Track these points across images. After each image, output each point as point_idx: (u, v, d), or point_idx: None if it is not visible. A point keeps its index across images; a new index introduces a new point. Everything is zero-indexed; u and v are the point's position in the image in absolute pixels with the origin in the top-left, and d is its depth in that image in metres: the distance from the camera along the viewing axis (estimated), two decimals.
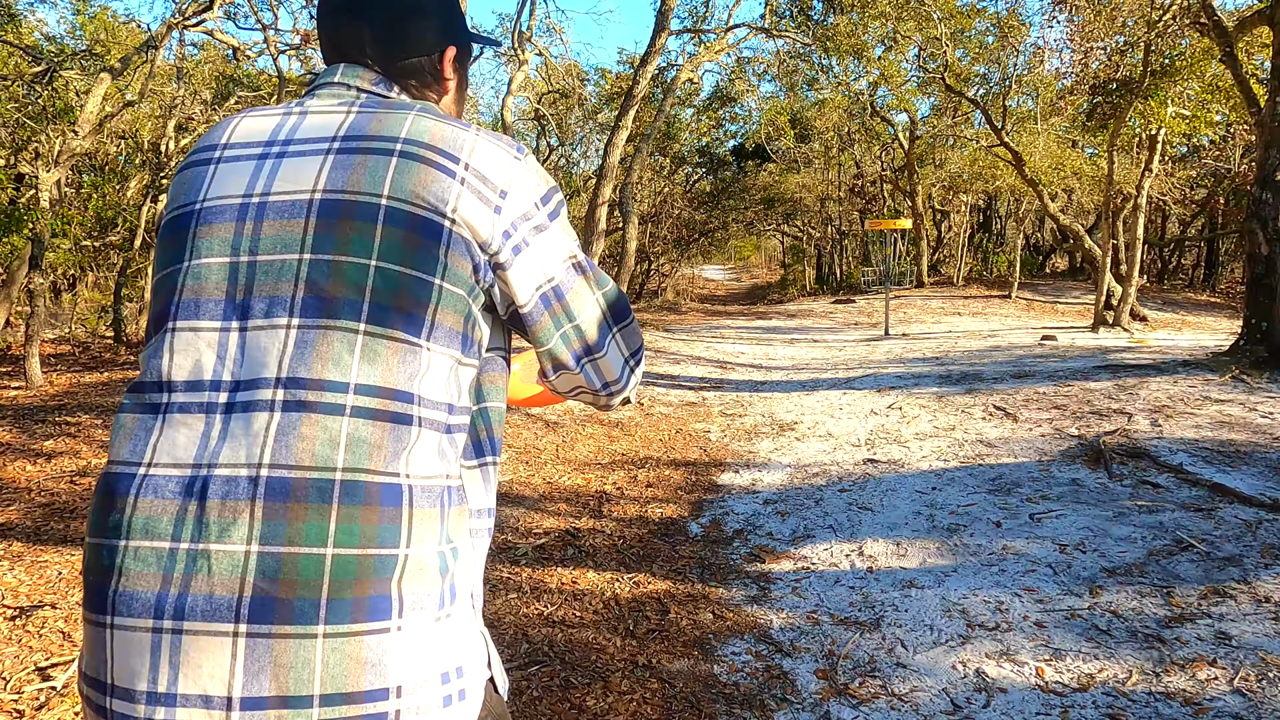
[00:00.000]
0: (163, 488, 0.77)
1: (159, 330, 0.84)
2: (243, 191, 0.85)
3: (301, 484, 0.74)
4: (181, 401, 0.80)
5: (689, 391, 7.96)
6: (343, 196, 0.82)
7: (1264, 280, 6.69)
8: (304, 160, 0.85)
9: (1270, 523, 3.77)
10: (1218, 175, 20.78)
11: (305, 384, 0.77)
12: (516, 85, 14.48)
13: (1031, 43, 16.99)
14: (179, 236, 0.86)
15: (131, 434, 0.82)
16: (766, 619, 3.36)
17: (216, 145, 0.90)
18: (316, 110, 0.90)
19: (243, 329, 0.80)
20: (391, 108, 0.89)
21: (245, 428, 0.77)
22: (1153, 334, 12.24)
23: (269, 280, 0.81)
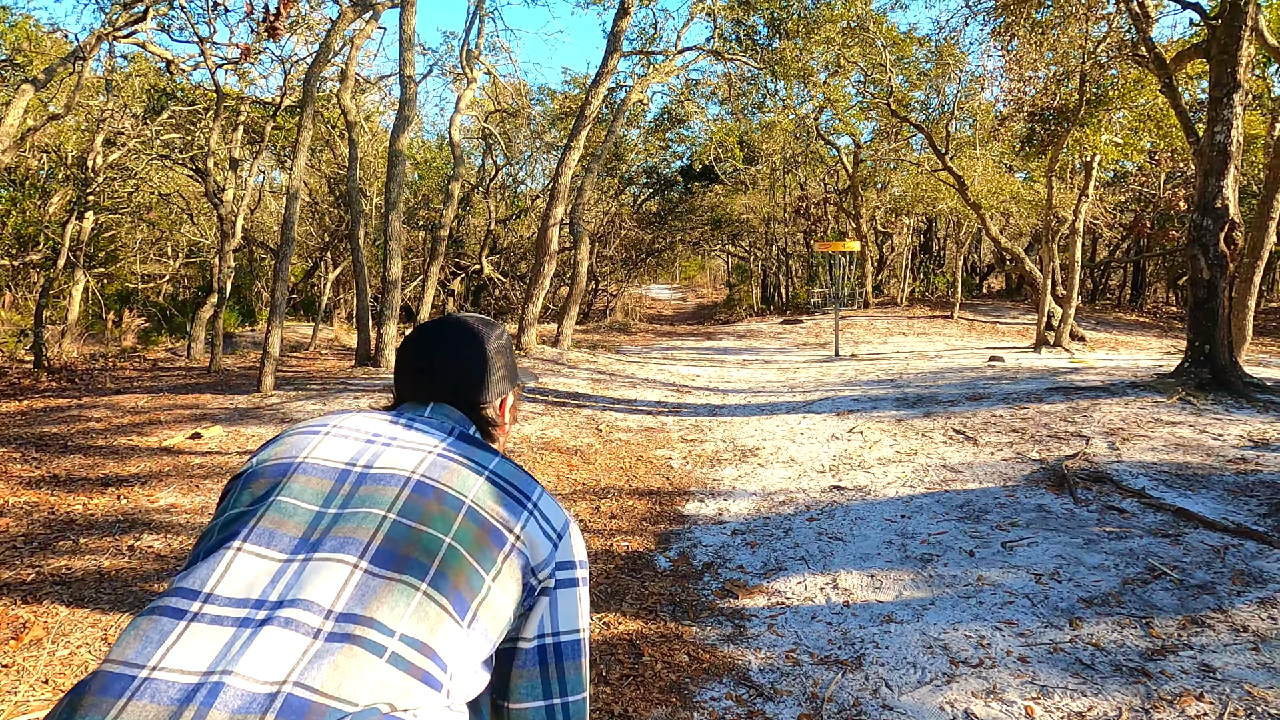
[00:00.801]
0: (162, 693, 0.75)
1: (220, 547, 0.89)
2: (347, 459, 0.99)
3: (319, 710, 0.75)
4: (215, 614, 0.82)
5: (647, 416, 7.82)
6: (437, 484, 0.97)
7: (1206, 304, 6.89)
8: (407, 452, 1.02)
9: (1236, 548, 3.79)
10: (1143, 200, 21.67)
11: (357, 620, 0.83)
12: (464, 104, 14.28)
13: (969, 71, 17.50)
14: (271, 480, 0.97)
15: (143, 636, 0.81)
16: (744, 659, 3.23)
17: (327, 424, 1.06)
18: (421, 427, 1.09)
19: (306, 559, 0.87)
20: (482, 447, 1.09)
21: (278, 644, 0.79)
22: (1092, 354, 12.58)
23: (349, 525, 0.91)
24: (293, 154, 8.31)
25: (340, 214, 17.76)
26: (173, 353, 12.67)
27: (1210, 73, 7.03)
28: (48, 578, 3.78)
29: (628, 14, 11.46)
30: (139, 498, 4.99)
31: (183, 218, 18.47)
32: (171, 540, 4.31)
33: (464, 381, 1.20)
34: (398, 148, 9.19)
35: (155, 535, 4.38)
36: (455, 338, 1.22)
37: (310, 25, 12.80)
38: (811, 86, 17.51)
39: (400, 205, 9.13)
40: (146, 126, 13.10)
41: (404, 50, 9.30)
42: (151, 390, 8.56)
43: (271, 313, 7.95)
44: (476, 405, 1.20)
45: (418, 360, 1.21)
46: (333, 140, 16.90)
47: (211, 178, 11.30)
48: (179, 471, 5.52)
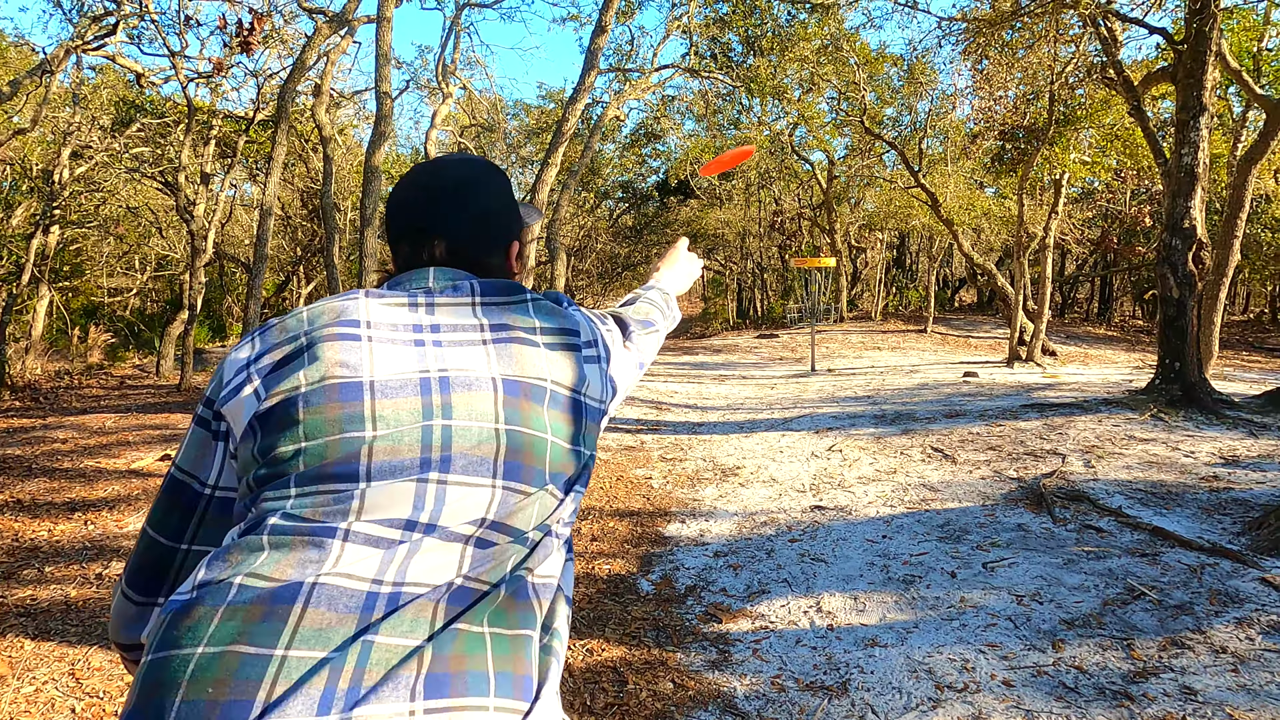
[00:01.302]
0: (336, 600, 0.80)
1: (336, 482, 0.88)
2: (417, 367, 0.95)
3: (478, 593, 0.86)
4: (367, 534, 0.85)
5: (626, 435, 7.79)
6: (519, 379, 0.98)
7: (1176, 322, 7.01)
8: (464, 349, 0.98)
9: (1212, 567, 3.84)
10: (1109, 216, 22.10)
11: (501, 528, 0.91)
12: (440, 119, 14.22)
13: (940, 89, 17.77)
14: (347, 405, 0.91)
15: (297, 556, 0.82)
16: (730, 686, 3.20)
17: (358, 322, 0.97)
18: (446, 304, 1.03)
19: (442, 482, 0.89)
20: (513, 304, 1.06)
21: (442, 555, 0.86)
22: (1063, 368, 12.76)
23: (468, 441, 0.92)
24: (266, 169, 8.21)
25: (313, 227, 17.59)
26: (141, 370, 12.43)
27: (1177, 96, 7.20)
28: (11, 609, 3.66)
29: (605, 32, 11.51)
30: (107, 523, 4.86)
31: (151, 231, 18.18)
32: None
33: (470, 234, 1.12)
34: (374, 163, 9.12)
35: (124, 562, 4.27)
36: (452, 184, 1.13)
37: (284, 40, 12.70)
38: (786, 103, 17.68)
39: (376, 221, 9.05)
40: (115, 139, 12.90)
41: (380, 66, 9.24)
42: (119, 410, 8.39)
43: (244, 330, 7.82)
44: (483, 259, 1.13)
45: (413, 217, 1.12)
46: (306, 154, 16.75)
47: (183, 192, 11.13)
48: (149, 495, 5.39)
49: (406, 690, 0.76)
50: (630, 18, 15.14)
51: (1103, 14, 7.63)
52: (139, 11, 10.38)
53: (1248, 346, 19.05)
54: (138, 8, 10.49)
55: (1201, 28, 6.79)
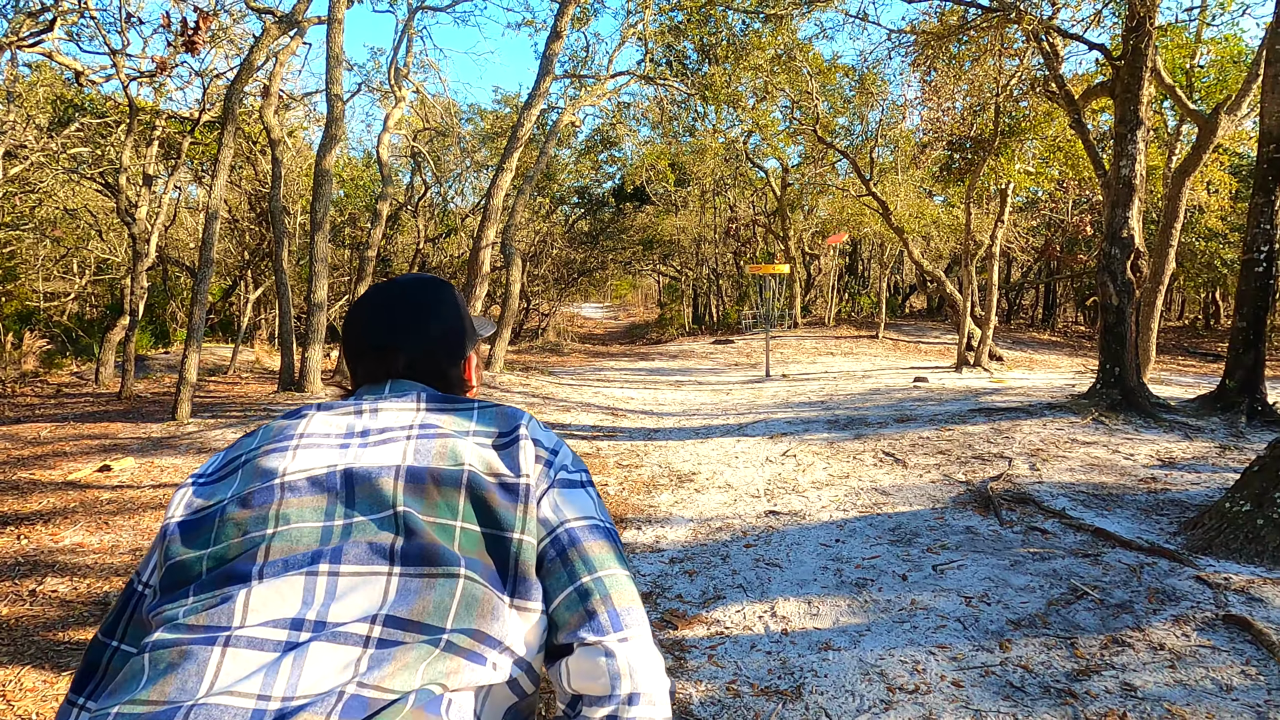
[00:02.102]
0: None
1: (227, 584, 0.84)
2: (328, 465, 0.94)
3: (377, 702, 0.77)
4: (251, 637, 0.80)
5: (583, 441, 7.77)
6: (429, 468, 0.94)
7: (1115, 328, 7.24)
8: (387, 446, 0.97)
9: (1150, 566, 3.96)
10: (1052, 224, 22.75)
11: (405, 624, 0.82)
12: (392, 122, 14.05)
13: (892, 99, 18.13)
14: (258, 510, 0.90)
15: (176, 675, 0.77)
16: (685, 693, 3.21)
17: (291, 437, 0.99)
18: (388, 408, 1.04)
19: (333, 574, 0.84)
20: (457, 405, 1.05)
21: (330, 658, 0.79)
22: (1009, 373, 13.09)
23: (365, 533, 0.88)
24: (212, 171, 8.01)
25: (261, 231, 17.22)
26: (79, 377, 12.01)
27: (1115, 110, 7.45)
28: None
29: (560, 38, 11.50)
30: (41, 537, 4.68)
31: (90, 234, 17.60)
32: (78, 583, 4.06)
33: (425, 351, 1.14)
34: (324, 167, 8.97)
35: (60, 578, 4.12)
36: (409, 305, 1.15)
37: (232, 39, 12.43)
38: (740, 111, 17.85)
39: (327, 225, 8.89)
40: (52, 139, 12.47)
41: (331, 68, 9.10)
42: (55, 419, 8.09)
43: (189, 336, 7.62)
44: (440, 373, 1.14)
45: (372, 337, 1.13)
46: (254, 156, 16.40)
47: (124, 194, 10.81)
48: (86, 508, 5.21)
49: None
50: (586, 24, 15.16)
51: (1044, 30, 7.88)
52: (78, 8, 10.06)
53: (1183, 351, 19.76)
54: (76, 4, 10.17)
55: (1138, 45, 7.05)
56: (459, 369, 1.18)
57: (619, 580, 0.93)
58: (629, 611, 0.91)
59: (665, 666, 3.11)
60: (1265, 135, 6.54)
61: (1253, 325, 6.64)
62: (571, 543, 0.94)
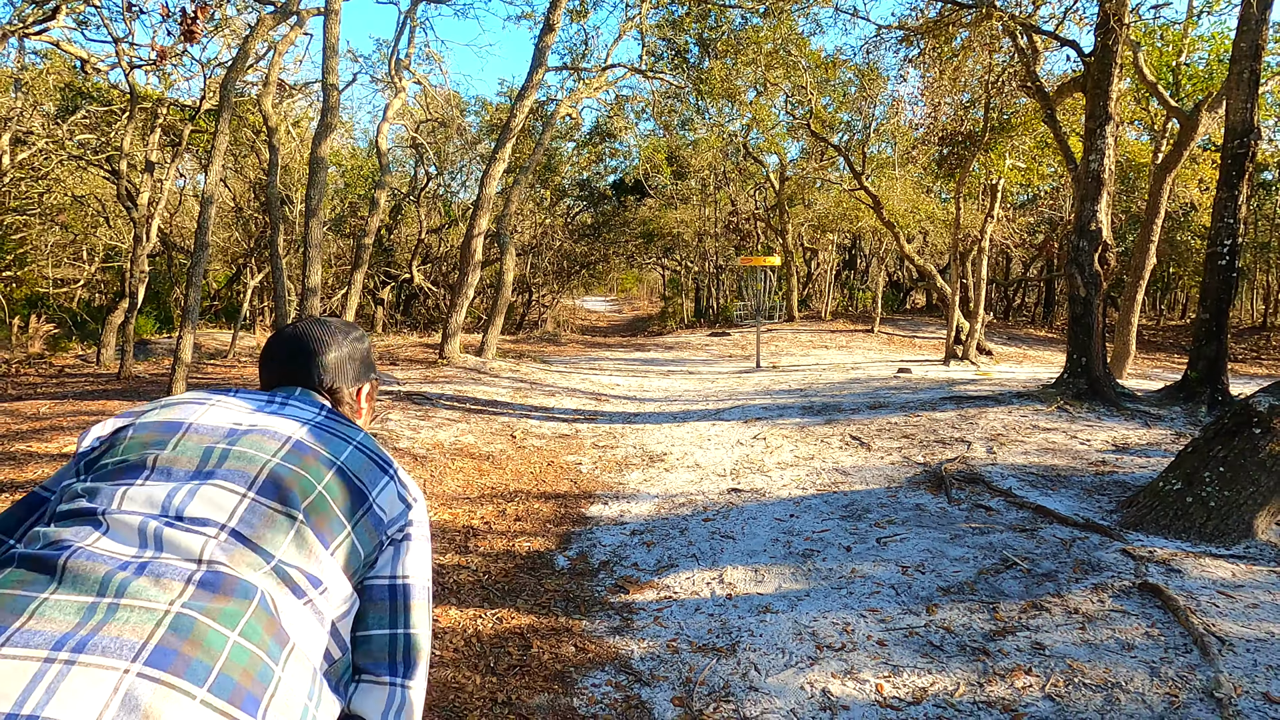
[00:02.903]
0: (96, 557, 0.92)
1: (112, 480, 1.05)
2: (233, 423, 1.15)
3: (231, 580, 0.95)
4: (124, 520, 0.99)
5: (563, 424, 7.98)
6: (313, 447, 1.15)
7: (1082, 319, 7.40)
8: (286, 421, 1.19)
9: (1082, 540, 4.15)
10: (1052, 221, 22.82)
11: (246, 541, 1.00)
12: (393, 112, 14.26)
13: (888, 94, 18.23)
14: (160, 434, 1.11)
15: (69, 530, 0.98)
16: (628, 649, 3.41)
17: (211, 398, 1.22)
18: (295, 405, 1.27)
19: (199, 483, 1.04)
20: (348, 424, 1.26)
21: (187, 539, 0.97)
22: (996, 367, 13.23)
23: (238, 462, 1.07)
24: (209, 159, 8.24)
25: (265, 219, 17.47)
26: (83, 359, 12.28)
27: (1086, 105, 7.60)
28: None
29: (553, 30, 11.68)
30: None
31: (98, 221, 17.88)
32: None
33: (324, 371, 1.37)
34: (319, 154, 9.18)
35: None
36: (316, 334, 1.41)
37: (234, 29, 12.64)
38: (739, 105, 17.99)
39: (321, 212, 9.11)
40: (59, 126, 12.72)
41: (327, 58, 9.30)
42: (55, 397, 8.34)
43: (184, 317, 7.86)
44: (336, 391, 1.38)
45: (282, 351, 1.38)
46: (258, 146, 16.63)
47: (125, 180, 11.05)
48: None
49: (131, 651, 0.81)
50: (584, 18, 15.32)
51: (1018, 26, 8.02)
52: None
53: (1180, 350, 19.83)
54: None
55: (1107, 41, 7.19)
56: (352, 394, 1.42)
57: (421, 640, 1.16)
58: (418, 666, 1.15)
59: (614, 627, 3.37)
60: (1230, 131, 6.68)
61: (1215, 317, 6.79)
62: (405, 595, 1.16)
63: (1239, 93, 6.58)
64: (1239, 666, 2.93)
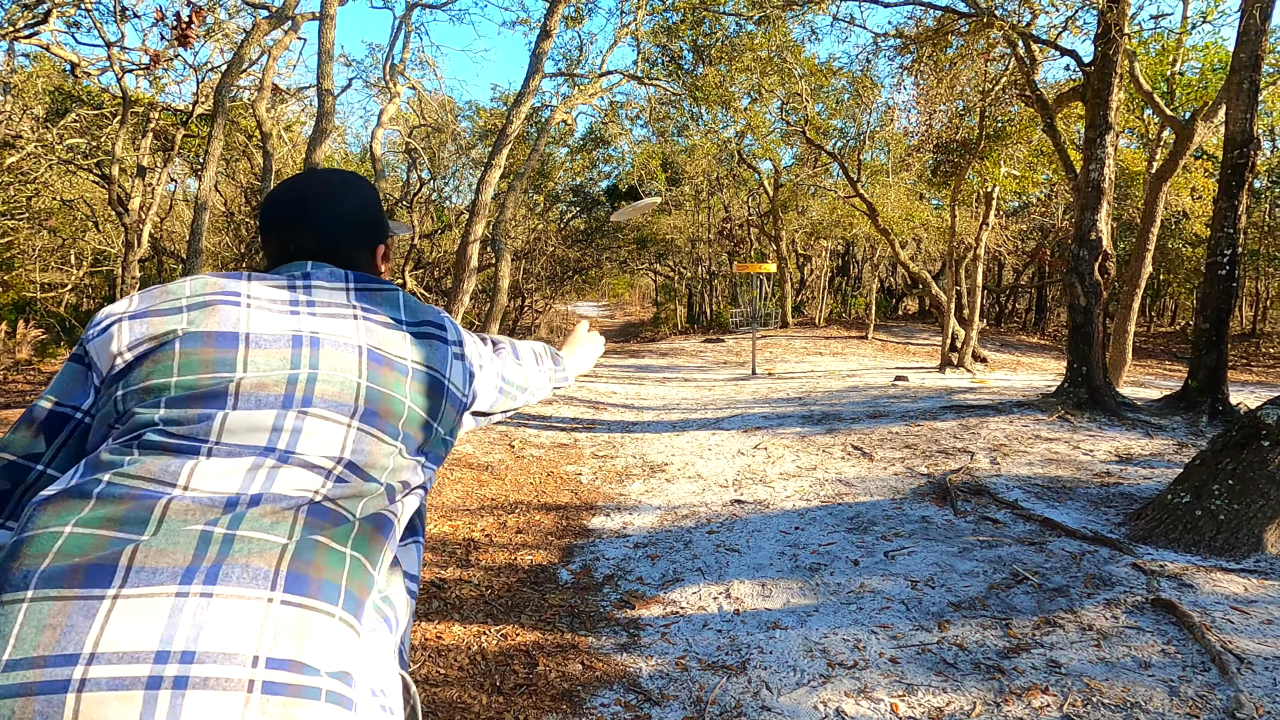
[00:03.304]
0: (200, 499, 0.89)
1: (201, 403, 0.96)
2: (292, 329, 1.05)
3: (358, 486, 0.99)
4: (229, 450, 0.94)
5: (561, 433, 7.91)
6: (383, 352, 1.08)
7: (1083, 329, 7.40)
8: (336, 320, 1.09)
9: (1091, 554, 4.11)
10: (1044, 229, 22.91)
11: (358, 470, 0.99)
12: (387, 117, 14.19)
13: (883, 102, 18.27)
14: (222, 351, 1.00)
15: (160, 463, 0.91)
16: (636, 667, 3.35)
17: (238, 293, 1.07)
18: (321, 285, 1.14)
19: (302, 413, 0.98)
20: (383, 296, 1.17)
21: (297, 477, 0.94)
22: (992, 374, 13.24)
23: (332, 387, 1.02)
24: (203, 164, 8.15)
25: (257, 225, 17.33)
26: None
27: (1086, 115, 7.61)
28: None
29: (549, 36, 11.63)
30: None
31: (87, 225, 17.72)
32: None
33: (338, 230, 1.22)
34: (314, 160, 9.10)
35: None
36: (323, 187, 1.24)
37: (228, 34, 12.56)
38: (733, 112, 17.99)
39: None
40: (48, 130, 12.59)
41: (322, 63, 9.23)
42: None
43: None
44: (347, 257, 1.22)
45: (287, 209, 1.21)
46: (250, 150, 16.53)
47: (116, 185, 10.93)
48: None
49: (267, 580, 0.82)
50: (579, 24, 15.29)
51: (1018, 35, 8.04)
52: (72, 1, 10.19)
53: (1171, 356, 19.92)
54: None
55: (1107, 51, 7.21)
56: (368, 255, 1.27)
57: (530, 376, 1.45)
58: (527, 389, 1.44)
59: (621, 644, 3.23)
60: (1229, 141, 6.70)
61: (1215, 327, 6.80)
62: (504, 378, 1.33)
63: (1239, 103, 6.59)
64: (1259, 686, 2.89)
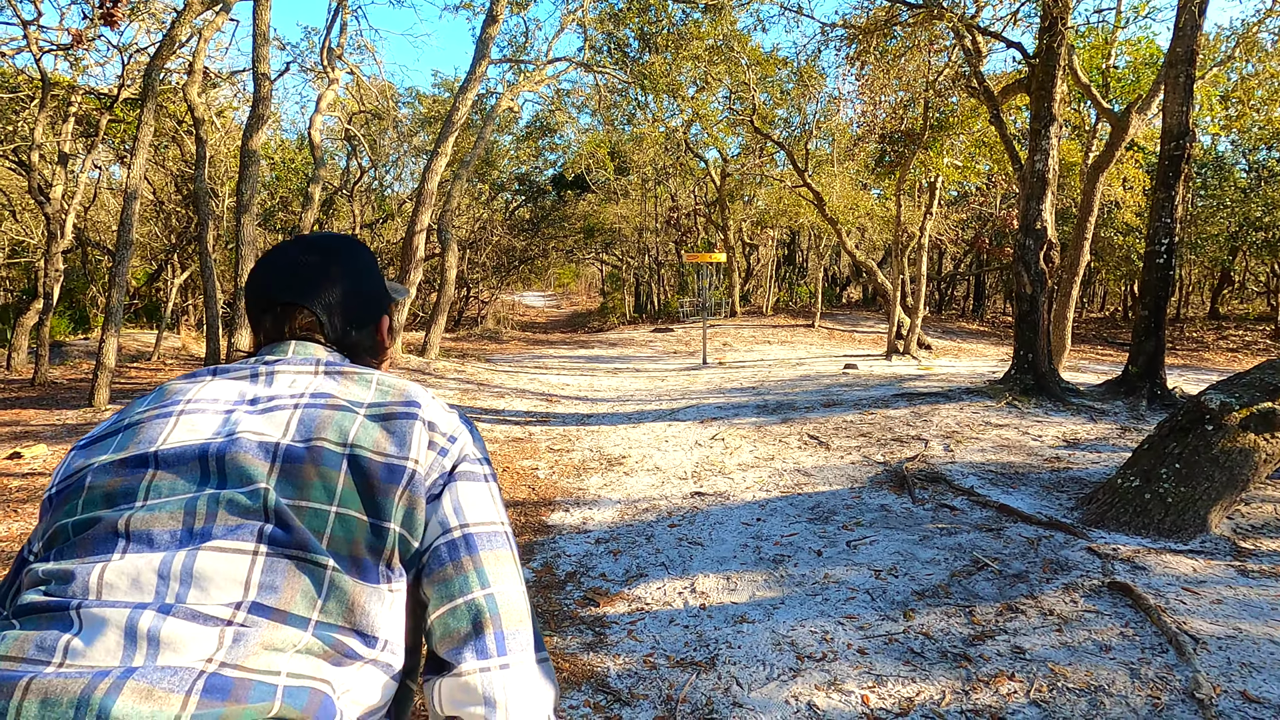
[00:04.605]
0: (71, 679, 0.71)
1: (80, 556, 0.81)
2: (206, 436, 0.88)
3: (244, 684, 0.74)
4: (101, 615, 0.76)
5: (515, 427, 7.79)
6: (309, 444, 0.88)
7: (1029, 316, 7.57)
8: (272, 414, 0.91)
9: (1048, 539, 4.19)
10: (983, 218, 23.47)
11: (270, 612, 0.79)
12: (325, 104, 13.74)
13: (828, 92, 18.44)
14: (126, 479, 0.86)
15: (34, 637, 0.74)
16: (603, 666, 3.29)
17: (178, 402, 0.92)
18: (285, 371, 0.98)
19: (194, 549, 0.80)
20: (355, 374, 0.99)
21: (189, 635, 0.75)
22: (936, 361, 13.51)
23: (232, 511, 0.83)
24: (132, 150, 7.75)
25: (188, 214, 16.68)
26: None
27: (1031, 106, 7.77)
28: None
29: (496, 21, 11.41)
30: None
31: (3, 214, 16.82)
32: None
33: (330, 307, 1.05)
34: (251, 147, 8.75)
35: None
36: (315, 258, 1.07)
37: (154, 13, 11.98)
38: (680, 100, 17.95)
39: (254, 207, 8.68)
40: None
41: (258, 46, 8.88)
42: None
43: (106, 320, 7.39)
44: (345, 333, 1.07)
45: (274, 290, 1.05)
46: (180, 136, 15.86)
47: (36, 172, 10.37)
48: None
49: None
50: (525, 9, 15.04)
51: (965, 27, 8.15)
52: None
53: (1103, 341, 20.63)
54: None
55: (1051, 44, 7.36)
56: (369, 333, 1.11)
57: (512, 599, 0.88)
58: (516, 635, 0.87)
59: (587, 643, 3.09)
60: (1166, 133, 6.91)
61: (1154, 314, 7.02)
62: (469, 550, 0.89)
63: (1175, 96, 6.80)
64: (1214, 665, 2.97)
